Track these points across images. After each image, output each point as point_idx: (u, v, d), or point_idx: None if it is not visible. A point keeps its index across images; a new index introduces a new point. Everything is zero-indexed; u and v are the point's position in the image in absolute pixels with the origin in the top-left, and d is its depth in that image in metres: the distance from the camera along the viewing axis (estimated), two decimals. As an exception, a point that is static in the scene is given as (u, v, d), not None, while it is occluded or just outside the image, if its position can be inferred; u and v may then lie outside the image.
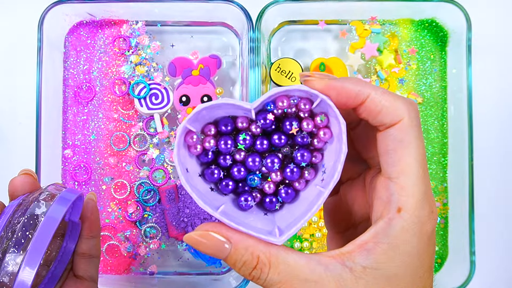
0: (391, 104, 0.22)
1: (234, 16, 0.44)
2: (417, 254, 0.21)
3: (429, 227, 0.21)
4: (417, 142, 0.22)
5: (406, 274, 0.21)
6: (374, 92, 0.22)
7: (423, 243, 0.21)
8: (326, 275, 0.21)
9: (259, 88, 0.42)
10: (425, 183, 0.21)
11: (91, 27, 0.46)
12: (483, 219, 0.46)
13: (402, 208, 0.21)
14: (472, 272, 0.42)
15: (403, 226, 0.21)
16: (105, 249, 0.45)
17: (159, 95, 0.45)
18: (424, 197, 0.21)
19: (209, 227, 0.22)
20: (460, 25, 0.44)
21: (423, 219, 0.21)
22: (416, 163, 0.21)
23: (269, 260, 0.21)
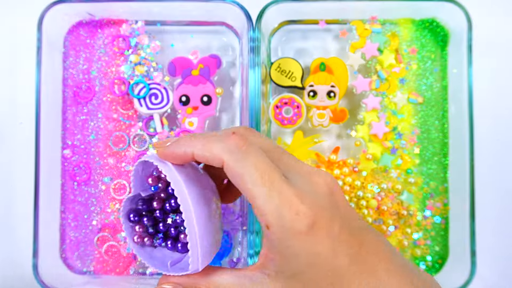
0: (210, 153, 0.26)
1: (234, 16, 0.44)
2: (307, 250, 0.24)
3: (301, 225, 0.24)
4: (248, 169, 0.25)
5: (310, 269, 0.24)
6: (195, 149, 0.27)
7: (304, 240, 0.24)
8: (250, 285, 0.26)
9: (259, 88, 0.42)
10: (276, 196, 0.24)
11: (90, 27, 0.46)
12: (484, 219, 0.46)
13: (268, 225, 0.24)
14: (472, 272, 0.42)
15: (277, 237, 0.24)
16: (104, 249, 0.45)
17: (158, 95, 0.45)
18: (279, 208, 0.24)
19: (162, 281, 0.29)
20: (461, 25, 0.43)
21: (289, 224, 0.24)
22: (255, 187, 0.24)
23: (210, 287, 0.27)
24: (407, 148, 0.46)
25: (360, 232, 0.26)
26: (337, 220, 0.25)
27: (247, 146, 0.26)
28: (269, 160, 0.26)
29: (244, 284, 0.27)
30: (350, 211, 0.27)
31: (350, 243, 0.25)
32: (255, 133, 0.29)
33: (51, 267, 0.44)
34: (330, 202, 0.26)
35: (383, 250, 0.26)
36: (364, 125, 0.46)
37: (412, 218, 0.45)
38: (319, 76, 0.45)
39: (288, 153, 0.28)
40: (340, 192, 0.27)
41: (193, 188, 0.28)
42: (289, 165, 0.27)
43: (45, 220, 0.43)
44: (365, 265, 0.25)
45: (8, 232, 0.48)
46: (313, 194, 0.25)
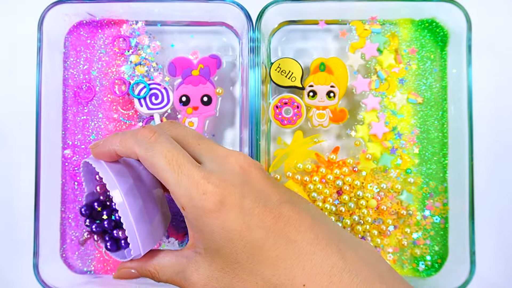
0: (125, 148, 0.29)
1: (234, 16, 0.44)
2: (220, 227, 0.26)
3: (209, 203, 0.26)
4: (157, 157, 0.27)
5: (228, 243, 0.26)
6: (115, 146, 0.30)
7: (215, 218, 0.26)
8: (187, 263, 0.29)
9: (259, 88, 0.42)
10: (184, 179, 0.26)
11: (91, 27, 0.46)
12: (483, 219, 0.46)
13: (183, 207, 0.27)
14: (472, 272, 0.42)
15: (193, 217, 0.27)
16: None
17: (159, 95, 0.45)
18: (188, 190, 0.26)
19: (119, 267, 0.33)
20: (460, 25, 0.44)
21: (199, 204, 0.26)
22: (165, 173, 0.27)
23: (156, 269, 0.31)
24: (406, 148, 0.46)
25: (278, 206, 0.27)
26: (249, 195, 0.26)
27: (155, 136, 0.28)
28: (178, 147, 0.28)
29: (182, 262, 0.29)
30: (268, 186, 0.28)
31: (265, 216, 0.26)
32: (175, 125, 0.31)
33: (52, 267, 0.44)
34: (241, 179, 0.27)
35: (305, 222, 0.26)
36: (364, 125, 0.46)
37: (411, 218, 0.45)
38: (319, 76, 0.45)
39: (207, 140, 0.30)
40: (255, 169, 0.28)
41: (126, 180, 0.30)
42: (205, 150, 0.29)
43: (46, 220, 0.43)
44: (282, 237, 0.26)
45: (8, 232, 0.48)
46: (223, 174, 0.27)
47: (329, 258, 0.25)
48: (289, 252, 0.26)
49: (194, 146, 0.30)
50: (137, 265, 0.32)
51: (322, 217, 0.28)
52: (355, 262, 0.26)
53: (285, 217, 0.26)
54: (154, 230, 0.31)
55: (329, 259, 0.25)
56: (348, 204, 0.45)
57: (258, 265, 0.26)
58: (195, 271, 0.29)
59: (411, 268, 0.46)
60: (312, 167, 0.46)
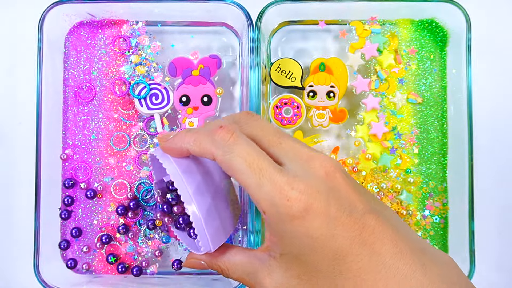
0: (201, 149, 0.28)
1: (234, 16, 0.44)
2: (304, 234, 0.25)
3: (293, 210, 0.24)
4: (236, 160, 0.26)
5: (310, 251, 0.25)
6: (188, 145, 0.28)
7: (299, 225, 0.25)
8: (260, 265, 0.28)
9: (259, 88, 0.42)
10: (266, 183, 0.25)
11: (91, 27, 0.46)
12: (483, 219, 0.46)
13: (265, 212, 0.26)
14: (472, 272, 0.42)
15: (274, 223, 0.26)
16: (105, 249, 0.45)
17: (159, 95, 0.45)
18: (270, 195, 0.25)
19: (189, 257, 0.33)
20: (460, 25, 0.44)
21: (282, 210, 0.25)
22: (245, 177, 0.26)
23: (226, 266, 0.30)
24: (406, 148, 0.46)
25: (363, 216, 0.25)
26: (335, 203, 0.25)
27: (234, 138, 0.27)
28: (258, 149, 0.26)
29: (255, 264, 0.29)
30: (353, 194, 0.26)
31: (350, 226, 0.25)
32: (252, 118, 0.29)
33: (52, 267, 0.44)
34: (327, 185, 0.26)
35: (389, 234, 0.25)
36: (364, 125, 0.46)
37: (411, 217, 0.45)
38: (319, 76, 0.45)
39: (288, 137, 0.28)
40: (341, 175, 0.26)
41: (194, 178, 0.29)
42: (287, 150, 0.27)
43: (46, 220, 0.43)
44: (367, 248, 0.25)
45: (9, 232, 0.48)
46: (308, 179, 0.25)
47: (412, 274, 0.24)
48: (372, 265, 0.24)
49: (275, 145, 0.28)
50: (207, 258, 0.31)
51: (405, 227, 0.27)
52: (438, 279, 0.25)
53: (369, 228, 0.25)
54: (224, 225, 0.30)
55: (412, 275, 0.24)
56: (348, 204, 0.45)
57: (340, 276, 0.25)
58: (268, 275, 0.28)
59: (411, 268, 0.46)
60: (312, 167, 0.46)
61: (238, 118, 0.29)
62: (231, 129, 0.27)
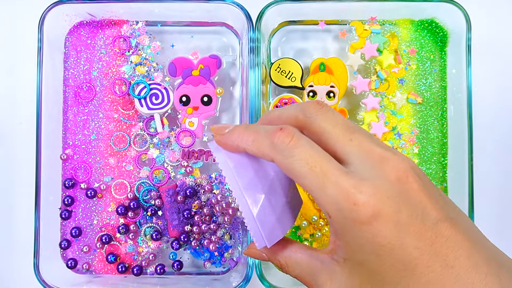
0: (259, 151, 0.27)
1: (234, 16, 0.44)
2: (370, 241, 0.24)
3: (361, 215, 0.23)
4: (298, 164, 0.25)
5: (376, 258, 0.24)
6: (246, 146, 0.27)
7: (366, 231, 0.23)
8: (321, 268, 0.27)
9: (259, 88, 0.42)
10: (331, 187, 0.24)
11: (91, 27, 0.46)
12: (483, 219, 0.46)
13: (330, 216, 0.25)
14: (472, 272, 0.42)
15: (340, 227, 0.24)
16: (105, 249, 0.45)
17: (159, 95, 0.45)
18: (336, 199, 0.24)
19: (249, 247, 0.31)
20: (460, 25, 0.44)
21: (349, 215, 0.23)
22: (308, 181, 0.24)
23: (286, 262, 0.29)
24: (406, 148, 0.46)
25: (436, 224, 0.24)
26: (405, 209, 0.23)
27: (294, 140, 0.25)
28: (321, 151, 0.25)
29: (316, 265, 0.28)
30: (426, 199, 0.24)
31: (421, 234, 0.23)
32: (321, 110, 0.27)
33: (52, 267, 0.44)
34: (397, 190, 0.24)
35: (464, 245, 0.23)
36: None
37: (411, 217, 0.45)
38: (319, 76, 0.45)
39: (360, 132, 0.26)
40: (415, 179, 0.24)
41: (246, 173, 0.28)
42: (357, 148, 0.25)
43: (46, 220, 0.43)
44: (438, 260, 0.23)
45: (9, 232, 0.48)
46: (378, 182, 0.24)
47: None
48: (444, 279, 0.23)
49: (344, 142, 0.26)
50: (268, 251, 0.30)
51: (481, 237, 0.25)
52: None
53: (443, 238, 0.23)
54: (281, 220, 0.29)
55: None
56: (348, 204, 0.45)
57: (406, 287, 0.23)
58: (329, 279, 0.27)
59: (411, 268, 0.46)
60: (312, 167, 0.46)
61: (306, 108, 0.27)
62: (291, 131, 0.26)
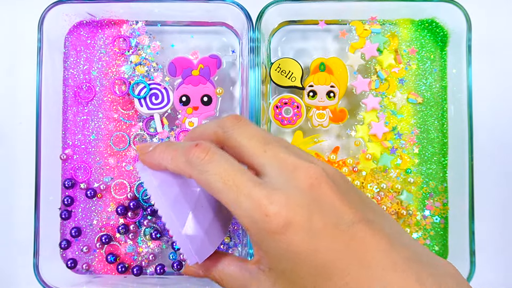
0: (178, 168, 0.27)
1: (234, 16, 0.44)
2: (286, 250, 0.24)
3: (273, 226, 0.24)
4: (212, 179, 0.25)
5: (295, 266, 0.24)
6: (166, 163, 0.28)
7: (280, 241, 0.24)
8: (250, 278, 0.28)
9: (259, 88, 0.42)
10: (244, 200, 0.24)
11: (91, 27, 0.46)
12: (483, 219, 0.46)
13: (246, 227, 0.25)
14: (472, 272, 0.42)
15: (256, 239, 0.25)
16: (105, 249, 0.45)
17: (159, 95, 0.45)
18: (249, 211, 0.24)
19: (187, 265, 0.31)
20: (460, 25, 0.44)
21: (262, 226, 0.24)
22: (222, 194, 0.25)
23: (220, 277, 0.29)
24: (406, 148, 0.46)
25: (351, 226, 0.24)
26: (318, 215, 0.24)
27: (209, 156, 0.26)
28: (236, 164, 0.26)
29: (245, 276, 0.28)
30: (341, 204, 0.25)
31: (335, 239, 0.24)
32: (238, 124, 0.28)
33: (52, 267, 0.44)
34: (310, 197, 0.24)
35: (382, 245, 0.24)
36: (364, 125, 0.46)
37: (411, 217, 0.45)
38: (319, 76, 0.45)
39: (275, 143, 0.27)
40: (328, 185, 0.25)
41: (172, 190, 0.28)
42: (271, 159, 0.26)
43: (46, 220, 0.43)
44: (354, 261, 0.23)
45: (8, 232, 0.48)
46: (290, 191, 0.24)
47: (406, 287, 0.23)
48: (362, 279, 0.23)
49: (259, 153, 0.26)
50: (202, 268, 0.30)
51: (402, 236, 0.25)
52: None
53: (358, 239, 0.24)
54: (211, 234, 0.29)
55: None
56: (348, 204, 0.45)
57: None
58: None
59: (411, 268, 0.46)
60: (312, 167, 0.45)
61: (223, 124, 0.28)
62: (206, 147, 0.26)
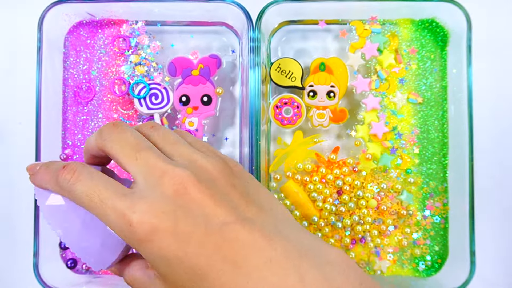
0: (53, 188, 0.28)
1: (234, 16, 0.44)
2: (156, 256, 0.24)
3: (138, 234, 0.24)
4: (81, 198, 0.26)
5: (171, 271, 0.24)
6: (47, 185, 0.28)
7: (148, 248, 0.24)
8: (149, 283, 0.28)
9: (259, 88, 0.42)
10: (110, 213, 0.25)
11: (91, 27, 0.46)
12: (483, 219, 0.46)
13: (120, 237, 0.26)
14: (472, 272, 0.42)
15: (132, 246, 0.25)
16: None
17: (159, 95, 0.45)
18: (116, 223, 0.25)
19: None
20: (460, 25, 0.43)
21: (129, 235, 0.24)
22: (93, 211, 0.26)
23: (130, 280, 0.29)
24: (406, 148, 0.46)
25: (221, 228, 0.24)
26: (184, 220, 0.24)
27: (76, 176, 0.26)
28: (101, 181, 0.26)
29: (146, 281, 0.28)
30: (211, 205, 0.24)
31: (205, 242, 0.24)
32: (115, 131, 0.28)
33: (52, 267, 0.44)
34: (175, 203, 0.24)
35: (257, 243, 0.23)
36: (364, 125, 0.46)
37: (411, 218, 0.45)
38: (319, 76, 0.45)
39: (146, 150, 0.27)
40: (196, 189, 0.25)
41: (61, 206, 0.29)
42: (141, 166, 0.26)
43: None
44: (227, 262, 0.23)
45: (9, 232, 0.48)
46: (154, 198, 0.24)
47: (284, 282, 0.22)
48: (236, 280, 0.23)
49: (130, 161, 0.26)
50: (117, 270, 0.31)
51: (284, 229, 0.25)
52: (318, 282, 0.23)
53: (230, 240, 0.23)
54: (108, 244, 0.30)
55: (284, 283, 0.22)
56: (348, 204, 0.45)
57: None
58: None
59: (411, 268, 0.46)
60: (312, 167, 0.46)
61: (101, 132, 0.28)
62: (72, 168, 0.27)
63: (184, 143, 0.28)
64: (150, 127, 0.29)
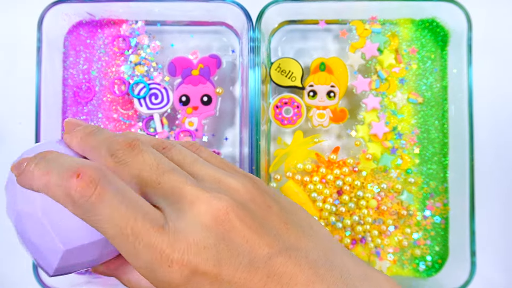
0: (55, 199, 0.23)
1: (234, 16, 0.44)
2: None
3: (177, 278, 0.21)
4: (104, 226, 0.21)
5: None
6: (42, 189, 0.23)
7: None
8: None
9: (259, 88, 0.42)
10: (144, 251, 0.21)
11: (90, 27, 0.46)
12: (484, 220, 0.46)
13: (148, 279, 0.23)
14: (472, 272, 0.42)
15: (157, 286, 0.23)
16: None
17: (158, 95, 0.45)
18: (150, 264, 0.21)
19: None
20: (461, 24, 0.43)
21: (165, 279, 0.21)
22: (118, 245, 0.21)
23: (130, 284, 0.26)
24: (407, 148, 0.46)
25: (267, 262, 0.21)
26: (227, 257, 0.21)
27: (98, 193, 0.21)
28: (133, 203, 0.21)
29: None
30: (254, 236, 0.22)
31: (250, 279, 0.21)
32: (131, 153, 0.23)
33: (51, 267, 0.44)
34: (216, 235, 0.21)
35: (303, 277, 0.21)
36: (364, 125, 0.46)
37: (412, 218, 0.45)
38: (319, 76, 0.45)
39: (171, 172, 0.23)
40: (236, 216, 0.21)
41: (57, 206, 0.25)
42: (167, 192, 0.22)
43: (45, 220, 0.43)
44: None
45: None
46: (191, 232, 0.21)
47: None
48: None
49: (154, 186, 0.22)
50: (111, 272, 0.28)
51: (330, 255, 0.23)
52: None
53: (276, 275, 0.21)
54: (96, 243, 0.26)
55: None
56: (348, 204, 0.45)
57: None
58: None
59: (411, 268, 0.46)
60: (312, 167, 0.45)
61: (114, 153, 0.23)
62: (94, 178, 0.21)
63: (203, 161, 0.25)
64: (162, 149, 0.25)
